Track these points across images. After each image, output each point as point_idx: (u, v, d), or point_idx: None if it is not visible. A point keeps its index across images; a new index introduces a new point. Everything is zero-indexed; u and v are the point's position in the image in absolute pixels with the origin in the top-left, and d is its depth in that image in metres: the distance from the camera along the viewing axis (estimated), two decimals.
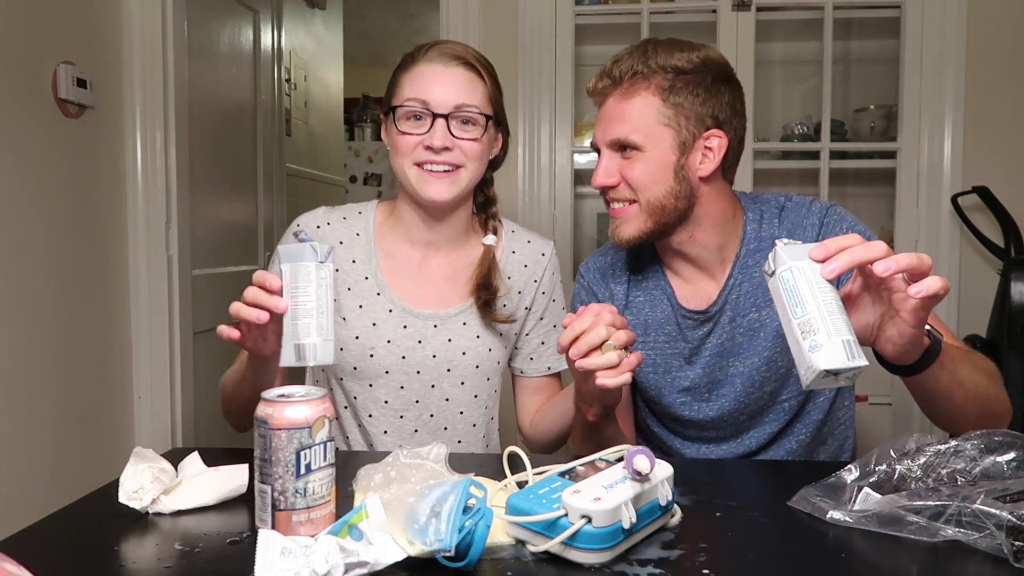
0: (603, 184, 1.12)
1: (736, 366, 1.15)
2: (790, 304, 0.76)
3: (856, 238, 0.78)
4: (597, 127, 1.14)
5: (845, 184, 2.51)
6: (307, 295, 0.84)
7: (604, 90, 1.12)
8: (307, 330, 0.84)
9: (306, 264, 0.85)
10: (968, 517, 0.70)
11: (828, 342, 0.74)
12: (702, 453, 1.20)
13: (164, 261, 2.19)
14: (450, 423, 1.21)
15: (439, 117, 1.11)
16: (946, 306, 2.17)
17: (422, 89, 1.12)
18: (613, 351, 0.93)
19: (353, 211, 1.24)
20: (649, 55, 1.09)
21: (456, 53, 1.15)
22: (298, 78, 3.28)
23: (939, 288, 0.76)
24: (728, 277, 1.15)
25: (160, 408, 2.21)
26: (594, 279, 1.26)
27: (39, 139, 1.84)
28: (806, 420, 1.17)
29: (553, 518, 0.69)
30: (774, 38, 2.45)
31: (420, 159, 1.13)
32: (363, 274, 1.20)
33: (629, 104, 1.09)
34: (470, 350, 1.20)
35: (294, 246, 0.86)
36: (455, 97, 1.12)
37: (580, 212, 2.61)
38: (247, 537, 0.75)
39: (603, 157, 1.12)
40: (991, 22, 2.15)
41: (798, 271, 0.77)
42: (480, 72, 1.15)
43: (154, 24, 2.15)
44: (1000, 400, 0.98)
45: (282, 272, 0.86)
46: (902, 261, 0.76)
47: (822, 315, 0.75)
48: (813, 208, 1.15)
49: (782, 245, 0.79)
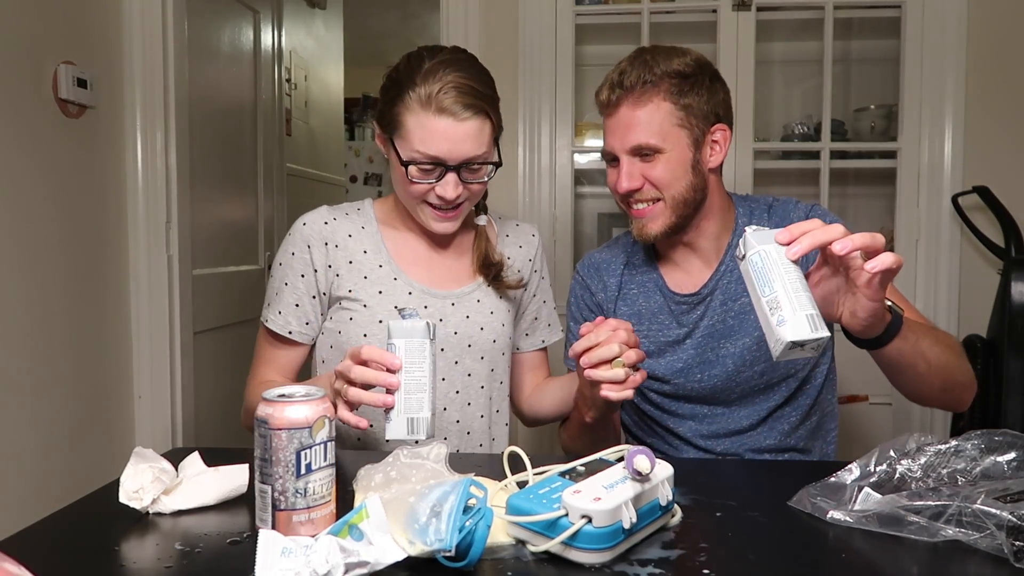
0: (629, 189, 1.18)
1: (727, 347, 1.22)
2: (759, 284, 0.83)
3: (817, 223, 0.85)
4: (611, 137, 1.20)
5: (845, 184, 2.51)
6: (422, 371, 0.90)
7: (617, 101, 1.18)
8: (420, 405, 0.90)
9: (420, 340, 0.90)
10: (968, 517, 0.70)
11: (793, 316, 0.80)
12: (695, 431, 1.25)
13: (164, 261, 2.19)
14: (472, 398, 1.25)
15: (450, 171, 1.13)
16: (946, 306, 2.18)
17: (433, 145, 1.10)
18: (622, 368, 0.99)
19: (352, 208, 1.28)
20: (651, 64, 1.17)
21: (463, 103, 1.10)
22: (298, 78, 3.29)
23: (892, 263, 0.82)
24: (720, 263, 1.24)
25: (160, 408, 2.21)
26: (588, 273, 1.35)
27: (39, 139, 1.84)
28: (795, 404, 1.23)
29: (553, 518, 0.69)
30: (774, 38, 2.45)
31: (432, 203, 1.16)
32: (376, 263, 1.23)
33: (644, 111, 1.16)
34: (487, 326, 1.25)
35: (408, 322, 0.91)
36: (465, 152, 1.12)
37: (580, 212, 2.61)
38: (247, 537, 0.75)
39: (623, 164, 1.18)
40: (992, 22, 2.15)
41: (765, 254, 0.83)
42: (487, 111, 1.13)
43: (154, 24, 2.14)
44: (963, 371, 1.06)
45: (392, 347, 0.91)
46: (857, 240, 0.82)
47: (787, 292, 0.81)
48: (800, 206, 1.26)
49: (751, 231, 0.85)
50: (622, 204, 1.23)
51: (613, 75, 1.19)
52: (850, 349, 1.21)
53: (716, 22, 2.23)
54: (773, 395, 1.22)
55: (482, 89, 1.13)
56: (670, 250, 1.27)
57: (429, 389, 0.90)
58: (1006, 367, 1.89)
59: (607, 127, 1.21)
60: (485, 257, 1.26)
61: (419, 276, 1.24)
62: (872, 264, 0.83)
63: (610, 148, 1.21)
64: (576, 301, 1.36)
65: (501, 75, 1.22)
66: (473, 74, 1.14)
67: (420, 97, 1.10)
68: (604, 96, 1.19)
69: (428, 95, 1.10)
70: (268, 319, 1.22)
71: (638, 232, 1.21)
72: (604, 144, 1.22)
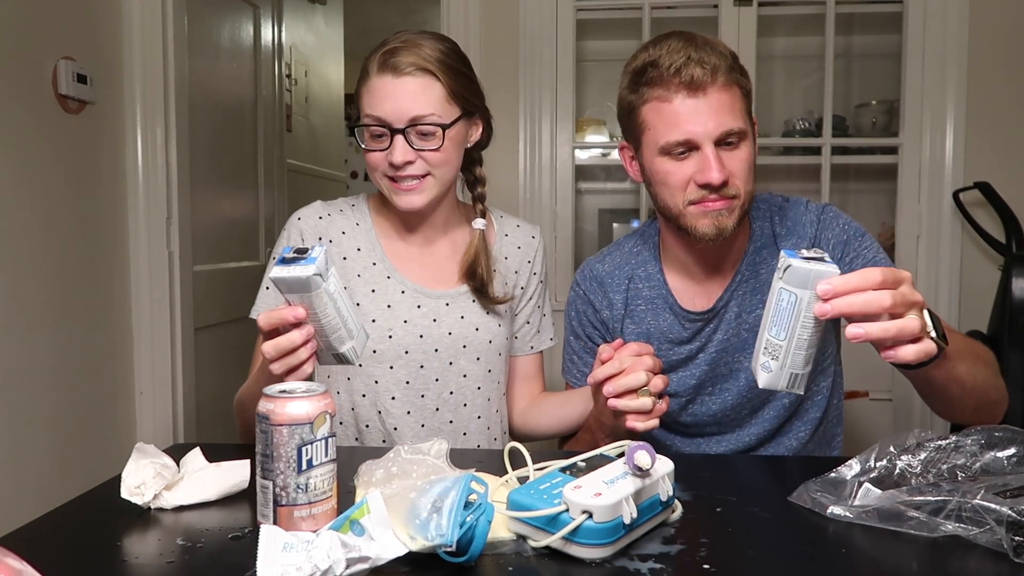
0: (722, 179, 1.03)
1: (740, 361, 1.16)
2: (774, 319, 0.81)
3: (868, 281, 0.77)
4: (693, 122, 1.03)
5: (847, 180, 2.51)
6: (327, 315, 0.85)
7: (703, 81, 1.02)
8: (340, 341, 0.87)
9: (316, 292, 0.82)
10: (968, 512, 0.70)
11: (778, 371, 0.81)
12: (701, 449, 1.21)
13: (165, 257, 2.19)
14: (469, 399, 1.23)
15: (396, 133, 1.11)
16: (947, 302, 2.18)
17: (376, 105, 1.11)
18: (648, 397, 0.96)
19: (347, 204, 1.26)
20: (713, 45, 1.05)
21: (406, 60, 1.10)
22: (299, 73, 3.28)
23: (911, 358, 0.78)
24: (736, 273, 1.16)
25: (162, 404, 2.22)
26: (591, 287, 1.25)
27: (39, 135, 1.84)
28: (805, 418, 1.18)
29: (554, 513, 0.69)
30: (776, 33, 2.45)
31: (388, 173, 1.14)
32: (370, 260, 1.21)
33: (729, 95, 1.04)
34: (482, 326, 1.22)
35: (290, 278, 0.81)
36: (408, 110, 1.10)
37: (581, 208, 2.61)
38: (249, 532, 0.75)
39: (709, 151, 1.03)
40: (993, 17, 2.14)
41: (796, 300, 0.79)
42: (434, 73, 1.11)
43: (154, 19, 2.14)
44: (997, 389, 1.00)
45: (289, 300, 0.84)
46: (873, 332, 0.77)
47: (788, 348, 0.80)
48: (810, 207, 1.18)
49: (799, 263, 0.78)
50: (685, 199, 1.07)
51: (678, 56, 1.03)
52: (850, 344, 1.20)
53: (717, 17, 2.23)
54: (781, 409, 1.16)
55: (432, 53, 1.11)
56: (691, 255, 1.16)
57: (343, 324, 0.86)
58: (1007, 363, 1.89)
59: (684, 111, 1.03)
60: (471, 266, 1.21)
61: (413, 274, 1.22)
62: (886, 354, 0.79)
63: (690, 136, 1.03)
64: (578, 316, 1.26)
65: (501, 71, 1.21)
66: (428, 42, 1.13)
67: (373, 62, 1.12)
68: (689, 75, 1.02)
69: (377, 58, 1.12)
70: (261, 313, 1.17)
71: (713, 224, 1.05)
72: (671, 133, 1.04)
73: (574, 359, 1.28)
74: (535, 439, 1.33)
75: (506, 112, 1.08)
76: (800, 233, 1.16)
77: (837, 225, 1.15)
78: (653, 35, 2.22)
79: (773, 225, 1.17)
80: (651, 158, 1.09)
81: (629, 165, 1.18)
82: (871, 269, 0.78)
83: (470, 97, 1.17)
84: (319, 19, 3.58)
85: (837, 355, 1.23)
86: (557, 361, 1.34)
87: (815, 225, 1.16)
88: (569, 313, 1.29)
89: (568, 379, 1.29)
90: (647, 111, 1.07)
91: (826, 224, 1.15)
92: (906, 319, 0.78)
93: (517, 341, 1.31)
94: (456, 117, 1.14)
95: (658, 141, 1.06)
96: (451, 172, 1.18)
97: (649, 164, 1.10)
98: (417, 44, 1.12)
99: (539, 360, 1.35)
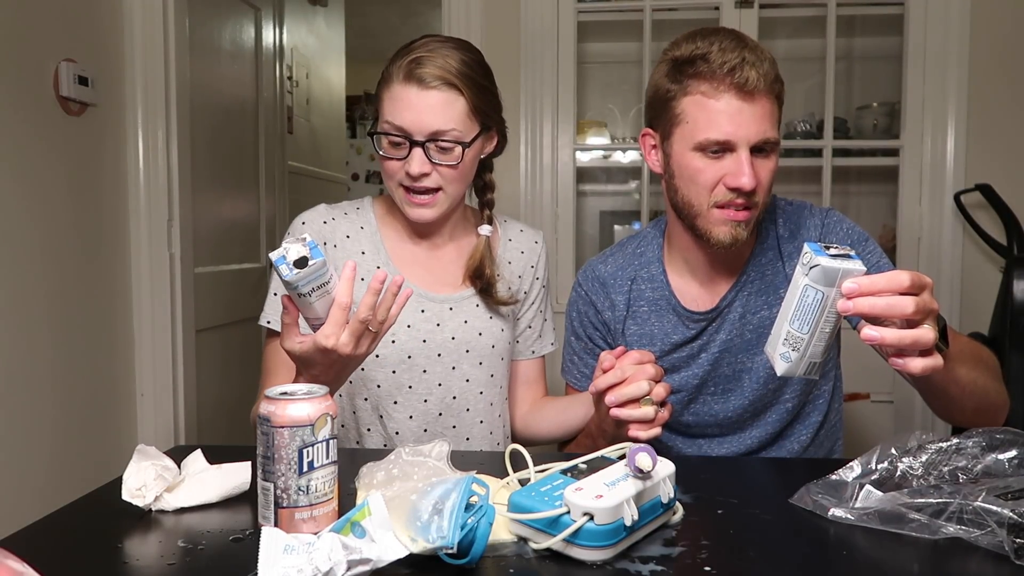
0: (753, 186, 1.02)
1: (744, 362, 1.16)
2: (797, 313, 0.81)
3: (894, 284, 0.76)
4: (736, 124, 1.01)
5: (848, 182, 2.51)
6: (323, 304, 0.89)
7: (755, 88, 1.02)
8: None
9: (316, 293, 0.87)
10: (969, 514, 0.70)
11: (798, 361, 0.82)
12: (702, 451, 1.21)
13: (166, 259, 2.19)
14: (472, 404, 1.22)
15: (416, 145, 1.11)
16: (948, 304, 2.17)
17: (398, 114, 1.10)
18: (651, 406, 0.96)
19: (352, 207, 1.26)
20: (763, 51, 1.04)
21: (432, 73, 1.09)
22: (300, 75, 3.28)
23: (918, 370, 0.79)
24: (741, 275, 1.15)
25: (163, 406, 2.22)
26: (593, 288, 1.25)
27: (40, 137, 1.84)
28: (807, 422, 1.18)
29: (555, 515, 0.69)
30: (777, 35, 2.45)
31: (403, 183, 1.14)
32: (374, 264, 1.21)
33: (772, 104, 1.04)
34: (485, 331, 1.22)
35: (289, 279, 0.84)
36: (430, 124, 1.09)
37: (582, 210, 2.61)
38: (250, 534, 0.75)
39: (744, 156, 1.02)
40: (994, 19, 2.14)
41: (823, 297, 0.79)
42: (459, 88, 1.11)
43: (156, 22, 2.15)
44: (998, 392, 1.01)
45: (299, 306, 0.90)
46: (888, 338, 0.77)
47: (810, 341, 0.81)
48: (814, 211, 1.18)
49: (828, 261, 0.77)
50: (711, 200, 1.05)
51: (731, 57, 1.01)
52: (851, 346, 1.19)
53: (719, 19, 2.23)
54: (783, 413, 1.16)
55: (458, 66, 1.10)
56: (691, 256, 1.17)
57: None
58: (1008, 365, 1.89)
59: (728, 110, 1.01)
60: (477, 268, 1.21)
61: (417, 278, 1.21)
62: (896, 363, 0.79)
63: (729, 137, 1.02)
64: (580, 317, 1.26)
65: (503, 72, 1.21)
66: (455, 52, 1.12)
67: (398, 68, 1.11)
68: (743, 77, 1.00)
69: (403, 65, 1.11)
70: (271, 319, 1.18)
71: (730, 233, 1.05)
72: (711, 131, 1.02)
73: (574, 359, 1.28)
74: (536, 443, 1.32)
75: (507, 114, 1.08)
76: (805, 236, 1.16)
77: (841, 229, 1.15)
78: (654, 37, 2.25)
79: (778, 228, 1.17)
80: (682, 151, 1.07)
81: (649, 153, 1.15)
82: (899, 272, 0.77)
83: (490, 112, 1.17)
84: (320, 21, 3.59)
85: (837, 359, 1.23)
86: (558, 361, 1.35)
87: (819, 229, 1.16)
88: (570, 313, 1.29)
89: (568, 379, 1.30)
90: (688, 103, 1.05)
91: (830, 228, 1.16)
92: (922, 329, 0.77)
93: (519, 345, 1.31)
94: (476, 134, 1.14)
95: (695, 136, 1.04)
96: (463, 187, 1.19)
97: (679, 157, 1.08)
98: (443, 55, 1.11)
99: (541, 364, 1.35)
